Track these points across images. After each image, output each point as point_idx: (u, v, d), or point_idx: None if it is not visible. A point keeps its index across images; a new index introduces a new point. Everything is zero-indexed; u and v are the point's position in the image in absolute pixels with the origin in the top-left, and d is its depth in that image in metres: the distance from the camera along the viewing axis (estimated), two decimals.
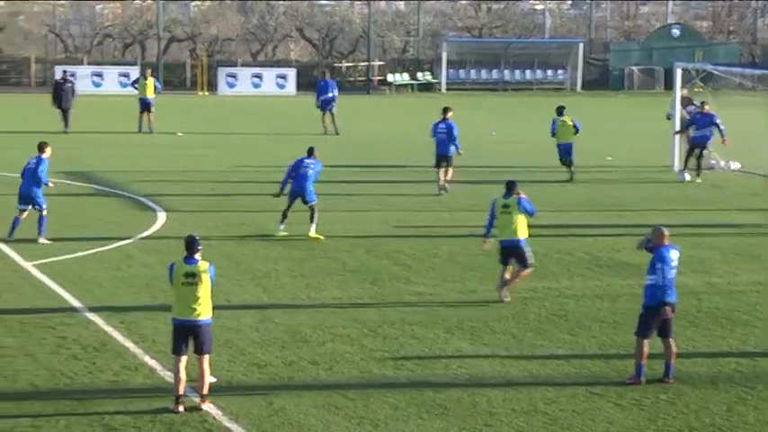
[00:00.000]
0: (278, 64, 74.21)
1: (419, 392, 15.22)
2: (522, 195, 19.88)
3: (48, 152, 24.06)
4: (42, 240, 23.39)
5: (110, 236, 24.46)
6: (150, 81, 45.66)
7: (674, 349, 15.80)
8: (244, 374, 15.80)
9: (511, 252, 19.82)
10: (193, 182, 32.61)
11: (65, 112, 45.09)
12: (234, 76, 69.16)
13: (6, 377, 15.28)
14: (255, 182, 32.91)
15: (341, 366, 16.25)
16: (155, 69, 67.29)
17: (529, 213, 19.89)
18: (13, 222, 23.65)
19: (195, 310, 14.36)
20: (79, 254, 22.71)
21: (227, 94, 67.46)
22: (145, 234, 24.90)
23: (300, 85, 68.64)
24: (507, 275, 19.96)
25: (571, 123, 33.85)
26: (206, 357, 14.43)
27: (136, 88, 46.72)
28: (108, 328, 17.64)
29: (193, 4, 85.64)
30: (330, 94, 45.90)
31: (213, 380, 15.10)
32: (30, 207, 23.77)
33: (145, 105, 45.47)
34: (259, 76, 69.37)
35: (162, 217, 26.92)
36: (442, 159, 31.28)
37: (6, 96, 63.31)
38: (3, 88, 67.94)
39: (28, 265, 21.55)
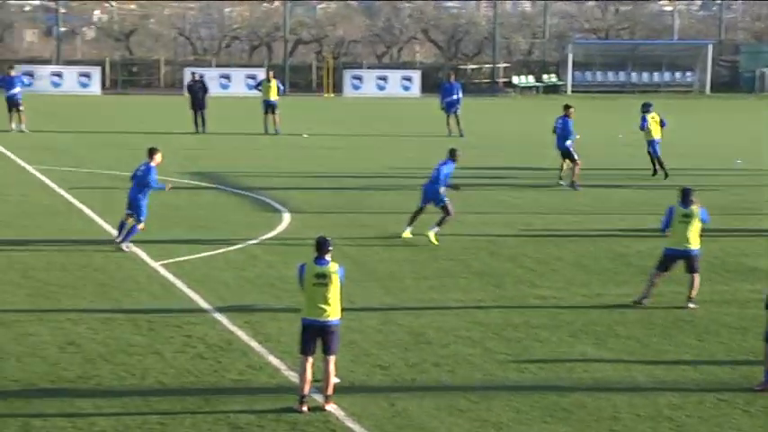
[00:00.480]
0: (403, 66, 74.40)
1: (542, 396, 15.09)
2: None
3: (157, 158, 23.90)
4: (125, 246, 23.34)
5: (235, 236, 24.72)
6: (273, 83, 46.08)
7: None
8: (366, 375, 15.83)
9: (677, 259, 19.62)
10: (318, 183, 32.82)
11: (200, 113, 45.75)
12: (359, 78, 69.52)
13: (135, 375, 15.52)
14: (379, 183, 33.02)
15: (463, 369, 16.19)
16: (281, 71, 68.06)
17: (706, 223, 19.73)
18: (119, 225, 23.64)
19: (325, 310, 14.41)
20: (205, 254, 22.99)
21: (353, 96, 67.82)
22: (270, 235, 25.11)
23: (425, 87, 68.72)
24: (657, 281, 19.73)
25: (659, 119, 34.70)
26: (332, 358, 14.49)
27: (259, 90, 47.20)
28: (233, 328, 17.82)
29: (320, 6, 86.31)
30: (455, 97, 45.84)
31: (337, 380, 15.15)
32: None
33: (268, 107, 45.92)
34: (384, 78, 69.64)
35: (287, 218, 27.14)
36: (561, 153, 33.05)
37: (137, 97, 64.55)
38: (133, 90, 69.27)
39: (156, 265, 21.88)
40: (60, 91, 64.55)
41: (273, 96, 45.87)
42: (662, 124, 34.76)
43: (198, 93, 46.06)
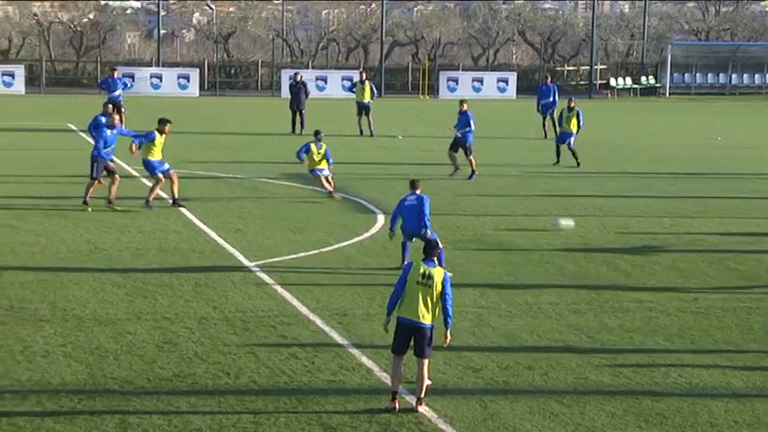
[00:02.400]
0: (499, 68, 74.18)
1: (637, 401, 14.94)
2: None
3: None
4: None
5: (330, 237, 24.84)
6: (367, 85, 46.20)
7: None
8: (459, 377, 15.80)
9: None
10: None
11: (299, 114, 46.09)
12: (455, 79, 69.46)
13: (229, 374, 15.65)
14: (474, 185, 32.95)
15: (557, 372, 16.09)
16: (377, 73, 68.23)
17: None
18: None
19: (423, 312, 14.39)
20: (300, 254, 23.12)
21: (448, 98, 67.79)
22: (365, 236, 25.19)
23: (521, 89, 68.44)
24: None
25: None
26: (425, 361, 14.47)
27: (354, 92, 47.35)
28: (327, 329, 17.90)
29: (417, 8, 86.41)
30: (551, 99, 45.61)
31: (429, 382, 15.15)
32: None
33: (362, 109, 46.06)
34: (480, 80, 69.51)
35: (381, 219, 27.19)
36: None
37: (234, 99, 65.15)
38: (231, 91, 69.92)
39: (251, 265, 22.06)
40: (160, 93, 65.39)
41: (367, 98, 46.01)
42: None
43: (299, 94, 46.38)
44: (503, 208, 29.23)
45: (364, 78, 47.07)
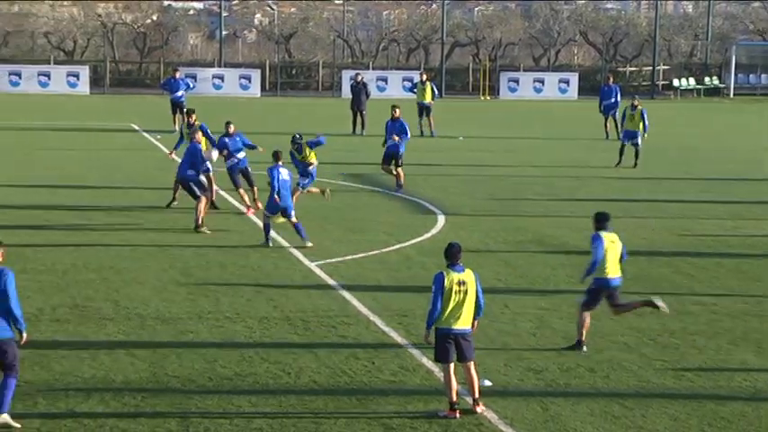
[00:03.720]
0: (560, 68, 73.85)
1: (700, 404, 14.81)
2: None
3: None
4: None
5: (390, 238, 24.85)
6: (428, 86, 46.16)
7: None
8: (520, 379, 15.74)
9: None
10: (473, 186, 32.77)
11: (360, 114, 46.17)
12: (516, 80, 69.23)
13: (290, 374, 15.70)
14: (535, 187, 32.84)
15: (618, 374, 15.99)
16: (437, 74, 68.16)
17: None
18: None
19: (462, 318, 14.29)
20: (360, 255, 23.16)
21: (509, 99, 67.60)
22: (425, 237, 25.17)
23: (582, 90, 68.09)
24: None
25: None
26: (472, 364, 14.40)
27: (415, 93, 47.32)
28: (387, 329, 17.91)
29: (477, 8, 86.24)
30: (613, 99, 45.34)
31: (488, 383, 15.12)
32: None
33: (423, 109, 46.03)
34: (541, 81, 69.23)
35: (441, 220, 27.16)
36: None
37: (295, 99, 65.35)
38: (292, 92, 70.15)
39: (312, 265, 22.12)
40: (221, 93, 65.74)
41: (428, 99, 45.98)
42: None
43: (359, 94, 46.46)
44: (563, 209, 29.10)
45: (425, 79, 47.05)
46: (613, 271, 17.01)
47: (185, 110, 30.88)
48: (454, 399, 14.20)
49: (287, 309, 18.95)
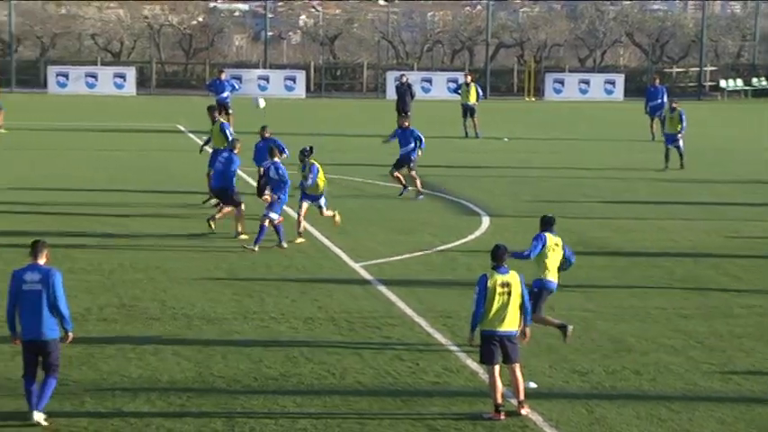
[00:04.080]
0: (606, 69, 73.52)
1: (748, 408, 14.70)
2: None
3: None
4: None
5: (435, 239, 24.84)
6: (473, 87, 46.10)
7: None
8: (565, 381, 15.69)
9: None
10: (518, 187, 32.70)
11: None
12: (561, 81, 68.99)
13: (335, 374, 15.73)
14: (580, 188, 32.73)
15: (665, 377, 15.90)
16: (482, 75, 68.06)
17: None
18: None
19: (507, 320, 14.29)
20: (405, 256, 23.16)
21: (554, 100, 67.38)
22: (469, 238, 25.14)
23: (628, 91, 67.77)
24: None
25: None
26: (517, 366, 14.37)
27: (459, 94, 47.28)
28: (431, 330, 17.90)
29: (522, 10, 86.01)
30: (659, 101, 45.09)
31: (533, 385, 15.08)
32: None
33: (467, 110, 45.95)
34: (586, 82, 68.96)
35: (486, 221, 27.12)
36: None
37: (339, 101, 65.45)
38: (337, 93, 70.25)
39: (356, 266, 22.15)
40: (266, 94, 65.78)
41: (472, 100, 45.90)
42: None
43: (404, 95, 46.47)
44: (608, 211, 28.98)
45: (470, 80, 46.98)
46: (553, 274, 17.08)
47: (209, 107, 30.93)
48: (499, 401, 14.17)
49: (332, 309, 18.98)
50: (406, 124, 31.47)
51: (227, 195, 24.88)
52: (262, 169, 25.09)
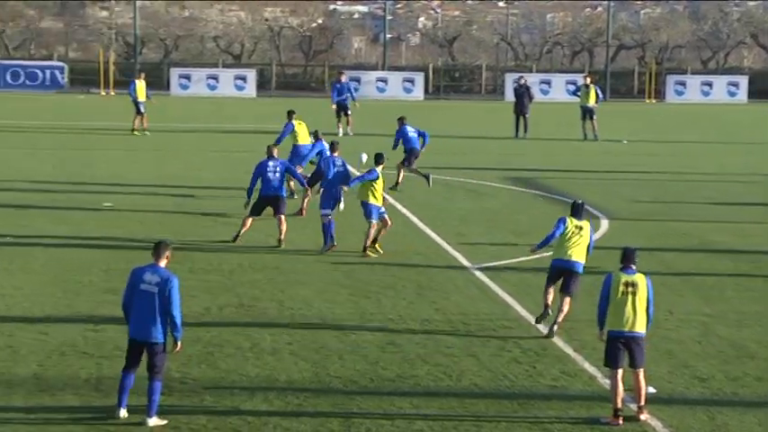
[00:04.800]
0: (729, 71, 72.36)
1: None
2: None
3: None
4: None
5: None
6: (592, 89, 45.68)
7: None
8: (685, 387, 15.47)
9: None
10: (638, 190, 32.34)
11: (523, 117, 45.95)
12: (682, 83, 68.09)
13: (451, 376, 15.71)
14: (701, 191, 32.26)
15: None
16: (601, 77, 67.46)
17: None
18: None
19: (631, 321, 14.18)
20: (523, 258, 23.03)
21: (676, 102, 66.50)
22: None
23: (753, 94, 66.61)
24: None
25: None
26: (641, 370, 14.21)
27: (578, 96, 46.92)
28: None
29: (644, 11, 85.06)
30: None
31: (653, 390, 14.89)
32: None
33: (586, 112, 45.50)
34: (709, 84, 67.94)
35: (605, 224, 26.86)
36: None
37: (458, 103, 65.38)
38: (455, 95, 70.21)
39: (474, 269, 22.10)
40: (385, 96, 66.11)
41: (592, 102, 45.45)
42: None
43: (522, 97, 46.25)
44: (730, 215, 28.52)
45: (589, 82, 46.58)
46: (568, 254, 17.76)
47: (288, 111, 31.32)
48: (619, 405, 14.04)
49: (448, 312, 18.96)
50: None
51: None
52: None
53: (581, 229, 17.81)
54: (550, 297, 17.85)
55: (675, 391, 15.26)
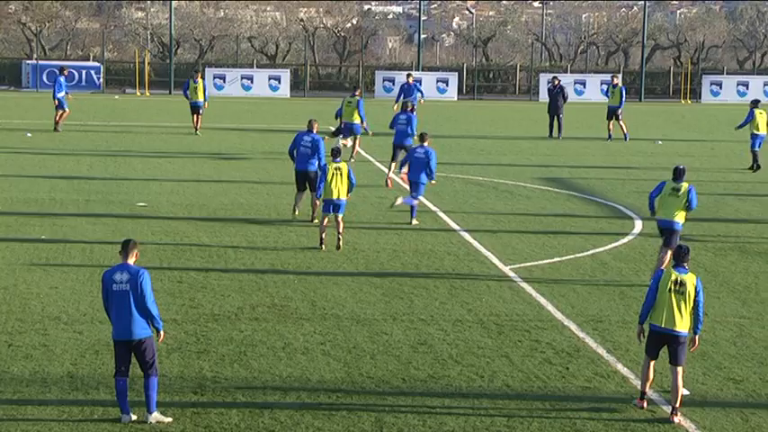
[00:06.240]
0: (765, 72, 71.95)
1: None
2: None
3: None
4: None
5: (586, 242, 24.61)
6: (618, 89, 45.40)
7: None
8: (719, 389, 15.40)
9: None
10: None
11: (557, 118, 45.74)
12: (718, 84, 67.72)
13: (483, 377, 15.70)
14: (737, 191, 32.08)
15: None
16: (636, 77, 67.19)
17: None
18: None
19: (678, 320, 14.22)
20: (555, 259, 23.00)
21: (711, 103, 66.16)
22: (621, 242, 24.84)
23: None
24: None
25: (766, 116, 36.54)
26: (680, 369, 14.20)
27: (607, 95, 46.69)
28: (581, 334, 17.74)
29: (680, 11, 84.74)
30: None
31: (686, 392, 14.84)
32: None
33: (611, 112, 45.16)
34: (745, 85, 67.55)
35: (638, 225, 26.76)
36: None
37: (492, 103, 65.29)
38: (489, 95, 70.12)
39: (506, 269, 22.06)
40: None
41: (617, 102, 44.98)
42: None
43: (556, 98, 46.08)
44: (766, 215, 28.34)
45: (616, 82, 46.27)
46: (667, 214, 20.78)
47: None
48: (646, 389, 14.45)
49: (481, 312, 18.94)
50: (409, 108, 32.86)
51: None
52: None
53: (678, 190, 20.70)
54: (666, 258, 20.33)
55: (709, 393, 15.19)
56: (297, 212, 26.40)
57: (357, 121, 36.55)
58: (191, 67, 69.02)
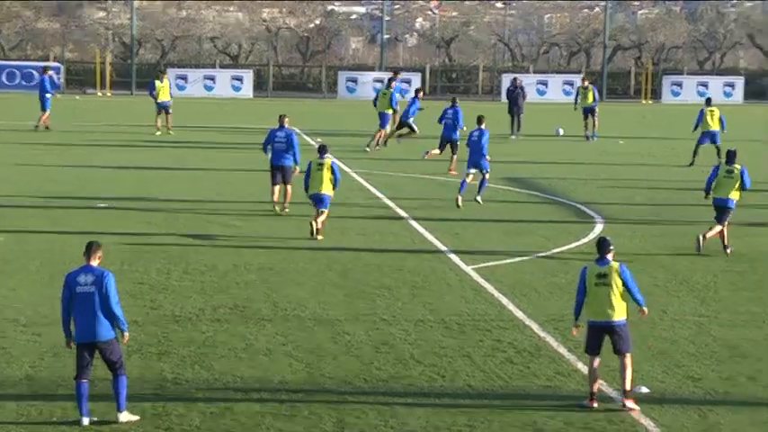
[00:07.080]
0: (725, 72, 72.40)
1: None
2: None
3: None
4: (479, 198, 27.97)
5: (548, 242, 24.70)
6: (590, 90, 45.64)
7: None
8: (678, 387, 15.50)
9: None
10: (633, 191, 32.33)
11: (517, 118, 45.95)
12: (679, 84, 68.12)
13: (445, 377, 15.73)
14: (697, 192, 32.25)
15: None
16: (598, 78, 67.49)
17: None
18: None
19: (608, 311, 14.48)
20: (517, 259, 23.08)
21: (672, 103, 66.53)
22: (582, 241, 24.94)
23: (748, 94, 66.65)
24: None
25: (718, 113, 37.57)
26: (627, 356, 14.49)
27: (576, 101, 46.85)
28: (542, 334, 17.81)
29: (641, 12, 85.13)
30: None
31: (646, 390, 14.95)
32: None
33: (587, 112, 45.39)
34: (705, 85, 67.97)
35: (599, 226, 26.88)
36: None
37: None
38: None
39: (468, 269, 22.11)
40: None
41: (590, 102, 45.32)
42: (720, 121, 37.69)
43: (517, 99, 46.26)
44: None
45: (586, 84, 46.52)
46: (721, 194, 23.29)
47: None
48: (594, 389, 14.54)
49: (442, 312, 18.98)
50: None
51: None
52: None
53: (731, 172, 23.13)
54: (711, 233, 23.10)
55: (668, 391, 15.29)
56: (277, 207, 27.07)
57: (390, 111, 37.66)
58: (153, 68, 68.75)
